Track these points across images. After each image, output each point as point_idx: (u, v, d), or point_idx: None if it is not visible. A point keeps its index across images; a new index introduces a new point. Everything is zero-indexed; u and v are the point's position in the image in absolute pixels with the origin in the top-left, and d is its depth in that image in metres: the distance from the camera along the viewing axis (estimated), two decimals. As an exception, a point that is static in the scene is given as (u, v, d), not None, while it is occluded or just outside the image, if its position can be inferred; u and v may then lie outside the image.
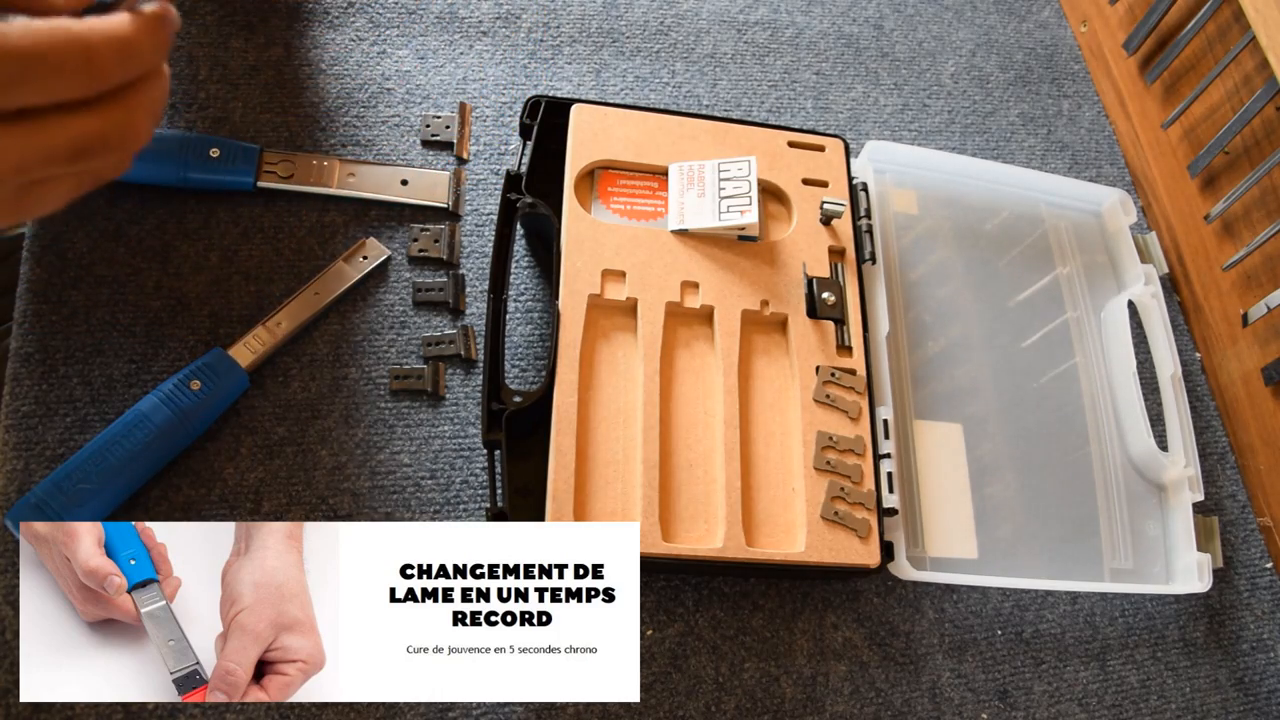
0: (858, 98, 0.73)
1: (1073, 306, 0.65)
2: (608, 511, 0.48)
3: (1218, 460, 0.66)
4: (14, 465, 0.48)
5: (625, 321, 0.54)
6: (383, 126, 0.61)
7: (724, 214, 0.55)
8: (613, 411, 0.51)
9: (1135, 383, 0.61)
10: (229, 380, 0.49)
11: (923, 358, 0.60)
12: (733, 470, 0.50)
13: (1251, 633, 0.61)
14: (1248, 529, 0.64)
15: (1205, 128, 0.70)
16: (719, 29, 0.73)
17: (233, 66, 0.61)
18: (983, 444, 0.58)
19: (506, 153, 0.62)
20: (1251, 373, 0.66)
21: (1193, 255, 0.71)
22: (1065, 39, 0.82)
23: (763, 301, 0.55)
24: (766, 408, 0.54)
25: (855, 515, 0.51)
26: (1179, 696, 0.58)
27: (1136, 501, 0.60)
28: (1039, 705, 0.55)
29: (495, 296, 0.51)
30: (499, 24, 0.67)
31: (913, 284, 0.62)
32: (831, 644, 0.53)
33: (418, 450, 0.53)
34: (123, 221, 0.55)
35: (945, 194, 0.66)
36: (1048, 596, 0.58)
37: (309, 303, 0.54)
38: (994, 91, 0.77)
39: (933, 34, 0.78)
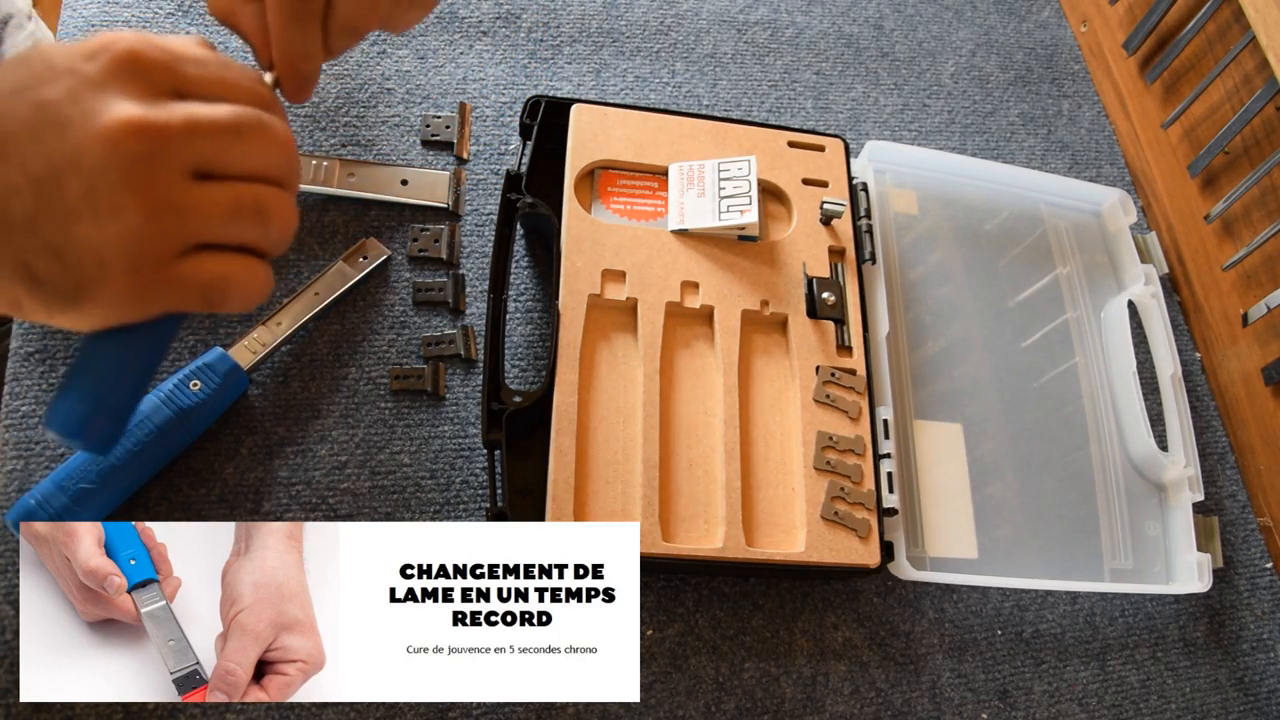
0: (858, 98, 0.73)
1: (1073, 306, 0.65)
2: (608, 511, 0.48)
3: (1218, 460, 0.66)
4: (14, 465, 0.48)
5: (625, 321, 0.54)
6: (383, 126, 0.61)
7: (724, 214, 0.55)
8: (613, 411, 0.51)
9: (1135, 383, 0.61)
10: (229, 380, 0.49)
11: (923, 358, 0.60)
12: (733, 470, 0.50)
13: (1251, 633, 0.61)
14: (1248, 529, 0.64)
15: (1205, 128, 0.70)
16: (719, 29, 0.73)
17: (233, 66, 0.61)
18: (983, 444, 0.58)
19: (506, 153, 0.62)
20: (1251, 373, 0.66)
21: (1193, 255, 0.71)
22: (1065, 39, 0.82)
23: (763, 301, 0.55)
24: (766, 408, 0.54)
25: (855, 515, 0.51)
26: (1179, 696, 0.58)
27: (1136, 501, 0.60)
28: (1039, 705, 0.55)
29: (495, 296, 0.51)
30: (499, 24, 0.67)
31: (913, 284, 0.62)
32: (831, 644, 0.53)
33: (418, 450, 0.53)
34: (123, 221, 0.55)
35: (945, 194, 0.66)
36: (1048, 596, 0.58)
37: (309, 303, 0.54)
38: (994, 91, 0.77)
39: (933, 34, 0.78)
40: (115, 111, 0.28)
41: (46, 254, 0.29)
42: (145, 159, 0.29)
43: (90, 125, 0.28)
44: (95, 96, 0.29)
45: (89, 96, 0.28)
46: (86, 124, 0.28)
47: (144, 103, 0.29)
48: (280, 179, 0.33)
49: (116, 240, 0.29)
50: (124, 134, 0.28)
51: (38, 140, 0.28)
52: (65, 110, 0.28)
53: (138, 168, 0.29)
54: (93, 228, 0.29)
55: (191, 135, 0.29)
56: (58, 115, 0.28)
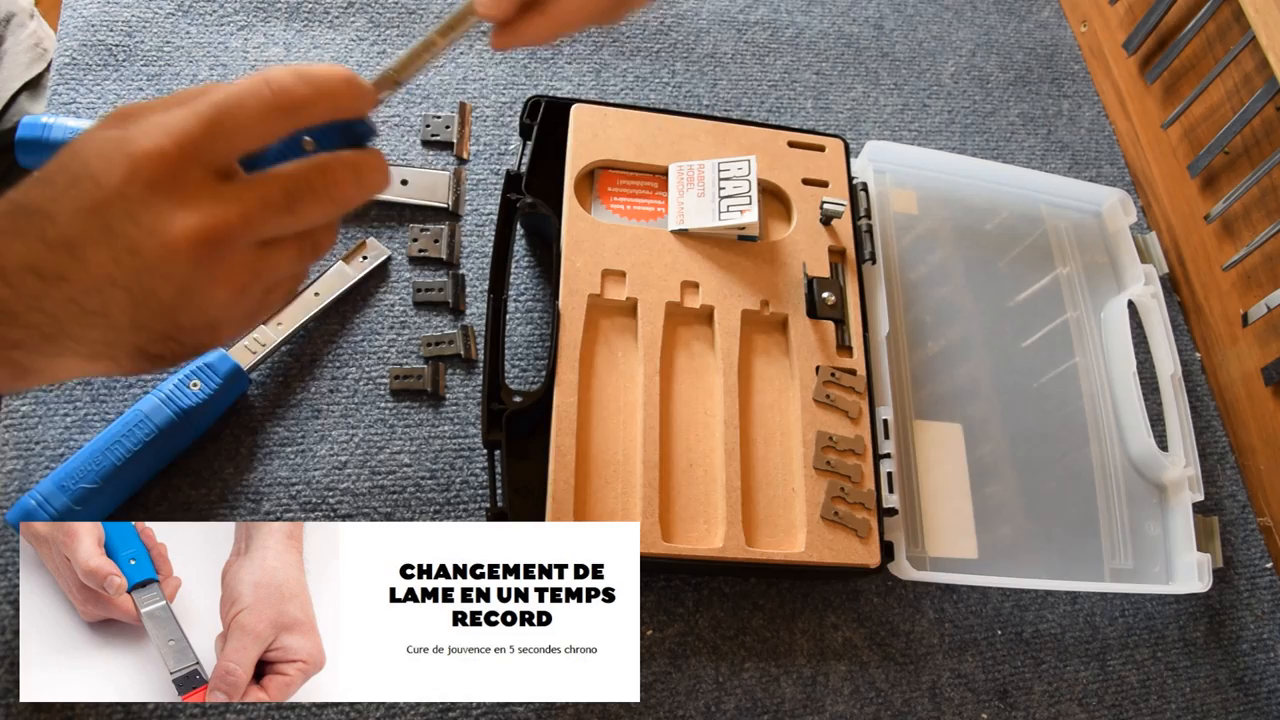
0: (858, 98, 0.73)
1: (1073, 306, 0.65)
2: (608, 511, 0.48)
3: (1218, 460, 0.66)
4: (14, 465, 0.48)
5: (625, 321, 0.54)
6: (383, 126, 0.61)
7: (724, 214, 0.55)
8: (613, 411, 0.51)
9: (1135, 383, 0.61)
10: (229, 380, 0.49)
11: (923, 358, 0.60)
12: (733, 470, 0.50)
13: (1251, 633, 0.61)
14: (1248, 529, 0.64)
15: (1205, 128, 0.70)
16: (719, 29, 0.73)
17: (233, 66, 0.61)
18: (983, 444, 0.58)
19: (506, 153, 0.62)
20: (1251, 373, 0.66)
21: (1193, 255, 0.71)
22: (1065, 39, 0.82)
23: (763, 301, 0.55)
24: (766, 408, 0.54)
25: (855, 515, 0.51)
26: (1179, 696, 0.58)
27: (1136, 501, 0.60)
28: (1039, 705, 0.55)
29: (495, 296, 0.51)
30: (499, 24, 0.67)
31: (913, 284, 0.62)
32: (831, 644, 0.53)
33: (418, 450, 0.53)
34: (123, 221, 0.55)
35: (945, 194, 0.66)
36: (1048, 596, 0.58)
37: (309, 303, 0.54)
38: (994, 91, 0.77)
39: (933, 34, 0.78)
40: (175, 229, 0.30)
41: (159, 339, 0.33)
42: (217, 257, 0.31)
43: (158, 245, 0.30)
44: (150, 214, 0.30)
45: (146, 216, 0.30)
46: (155, 244, 0.30)
47: (198, 207, 0.31)
48: (335, 218, 0.35)
49: (220, 312, 0.33)
50: (190, 248, 0.30)
51: (118, 262, 0.30)
52: (132, 234, 0.30)
53: (215, 265, 0.31)
54: (194, 314, 0.32)
55: (249, 225, 0.32)
56: (129, 241, 0.30)
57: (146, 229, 0.30)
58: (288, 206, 0.32)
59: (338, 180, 0.34)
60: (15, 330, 0.31)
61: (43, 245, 0.30)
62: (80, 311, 0.31)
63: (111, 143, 0.31)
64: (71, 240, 0.30)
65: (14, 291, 0.30)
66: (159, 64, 0.60)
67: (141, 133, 0.31)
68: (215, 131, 0.31)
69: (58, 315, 0.31)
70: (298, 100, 0.32)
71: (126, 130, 0.31)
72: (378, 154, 0.35)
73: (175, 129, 0.31)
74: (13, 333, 0.31)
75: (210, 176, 0.31)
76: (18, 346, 0.32)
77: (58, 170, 0.31)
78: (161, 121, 0.31)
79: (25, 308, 0.31)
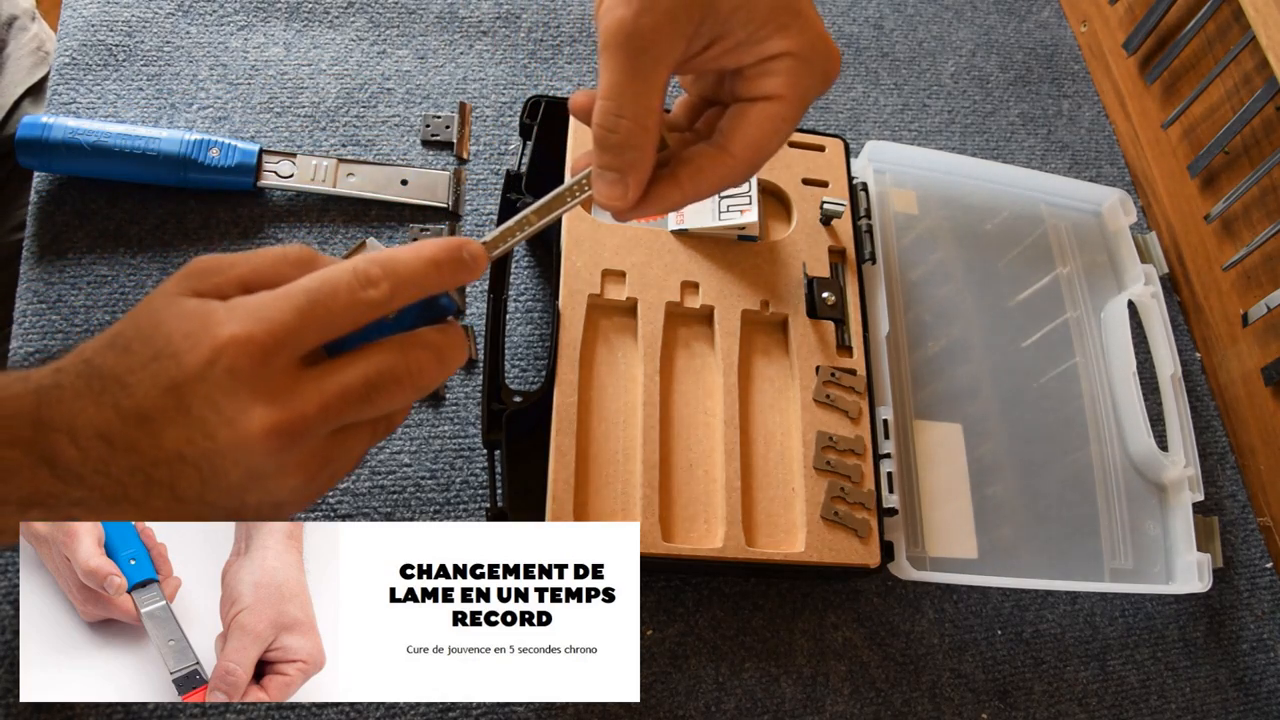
0: (858, 98, 0.73)
1: (1073, 306, 0.65)
2: (608, 511, 0.48)
3: (1218, 460, 0.66)
4: (14, 465, 0.48)
5: (625, 321, 0.54)
6: (383, 126, 0.61)
7: (724, 214, 0.55)
8: (613, 411, 0.51)
9: (1135, 383, 0.61)
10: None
11: (923, 358, 0.60)
12: (733, 470, 0.50)
13: (1251, 633, 0.61)
14: (1248, 529, 0.64)
15: (1205, 128, 0.70)
16: (719, 29, 0.73)
17: (233, 66, 0.61)
18: (983, 444, 0.58)
19: (506, 153, 0.62)
20: (1251, 373, 0.66)
21: (1193, 255, 0.71)
22: (1065, 39, 0.82)
23: (763, 302, 0.55)
24: (766, 408, 0.54)
25: (855, 515, 0.51)
26: (1179, 696, 0.58)
27: (1136, 501, 0.60)
28: (1039, 705, 0.55)
29: (495, 296, 0.51)
30: (499, 24, 0.67)
31: (913, 284, 0.62)
32: (831, 644, 0.53)
33: (418, 450, 0.53)
34: (123, 221, 0.55)
35: (945, 194, 0.66)
36: (1048, 596, 0.58)
37: (309, 303, 0.54)
38: (994, 91, 0.77)
39: (933, 34, 0.78)
40: (254, 422, 0.30)
41: (221, 514, 0.33)
42: (291, 449, 0.31)
43: (234, 434, 0.30)
44: (231, 402, 0.30)
45: (226, 403, 0.30)
46: (231, 433, 0.30)
47: (276, 400, 0.30)
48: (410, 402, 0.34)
49: (288, 495, 0.33)
50: (265, 440, 0.30)
51: (191, 442, 0.30)
52: (210, 419, 0.30)
53: (287, 455, 0.31)
54: (260, 495, 0.32)
55: (327, 418, 0.31)
56: (205, 426, 0.30)
57: (225, 417, 0.30)
58: (367, 397, 0.32)
59: (421, 367, 0.33)
60: (79, 490, 0.31)
61: (116, 414, 0.30)
62: (147, 481, 0.31)
63: (197, 320, 0.30)
64: (146, 414, 0.30)
65: (82, 454, 0.30)
66: (159, 64, 0.60)
67: (232, 316, 0.30)
68: (307, 324, 0.31)
69: (124, 482, 0.31)
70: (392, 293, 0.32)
71: (212, 310, 0.30)
72: (459, 331, 0.35)
73: (266, 318, 0.30)
74: (76, 491, 0.31)
75: (294, 365, 0.31)
76: (79, 505, 0.31)
77: (135, 337, 0.31)
78: (252, 308, 0.30)
79: (92, 471, 0.31)
